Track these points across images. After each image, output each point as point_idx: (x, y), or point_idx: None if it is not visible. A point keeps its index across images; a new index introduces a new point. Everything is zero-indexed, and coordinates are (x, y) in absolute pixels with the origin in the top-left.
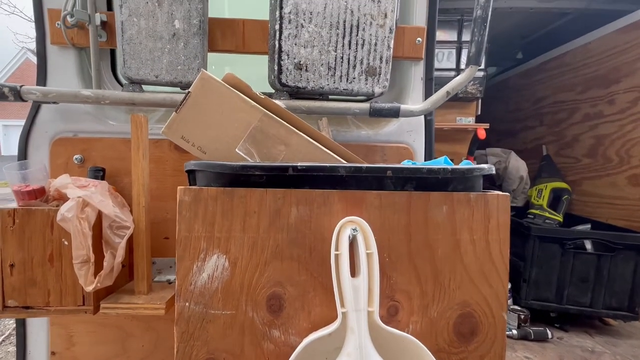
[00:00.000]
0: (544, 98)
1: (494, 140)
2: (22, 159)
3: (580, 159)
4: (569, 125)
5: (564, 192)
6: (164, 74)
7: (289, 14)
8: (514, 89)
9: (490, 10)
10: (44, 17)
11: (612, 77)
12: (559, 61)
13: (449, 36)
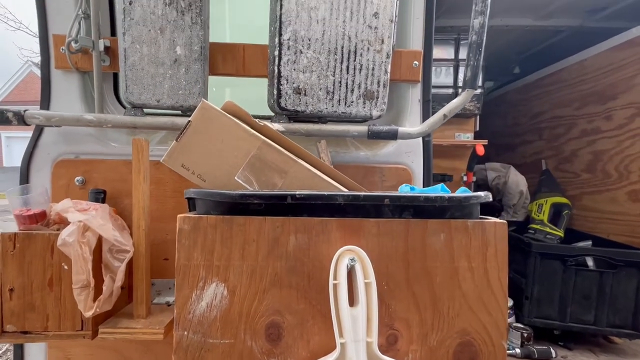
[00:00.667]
0: (541, 113)
1: (493, 154)
2: (24, 181)
3: (580, 174)
4: (567, 140)
5: (564, 207)
6: (165, 98)
7: (288, 41)
8: (511, 104)
9: (485, 35)
10: (49, 42)
11: (608, 93)
12: (556, 77)
13: (446, 54)
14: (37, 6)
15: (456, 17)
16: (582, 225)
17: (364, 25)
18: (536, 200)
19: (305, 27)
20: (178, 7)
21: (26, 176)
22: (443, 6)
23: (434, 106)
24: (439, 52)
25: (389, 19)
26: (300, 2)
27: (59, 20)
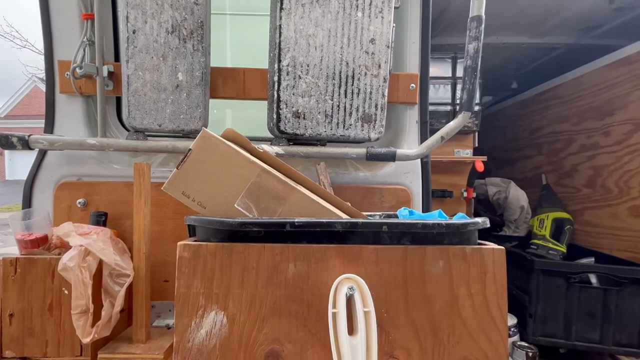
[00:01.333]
0: (540, 128)
1: (494, 168)
2: (27, 202)
3: (580, 188)
4: (566, 155)
5: (565, 222)
6: (167, 122)
7: (287, 67)
8: (510, 119)
9: (480, 59)
10: (54, 68)
11: (605, 109)
12: (553, 93)
13: (443, 72)
14: (44, 33)
15: (453, 36)
16: (584, 241)
17: (361, 51)
18: (537, 216)
19: (303, 53)
20: (180, 35)
21: (29, 198)
22: (440, 25)
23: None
24: (437, 70)
25: (385, 45)
26: (298, 29)
27: (64, 46)
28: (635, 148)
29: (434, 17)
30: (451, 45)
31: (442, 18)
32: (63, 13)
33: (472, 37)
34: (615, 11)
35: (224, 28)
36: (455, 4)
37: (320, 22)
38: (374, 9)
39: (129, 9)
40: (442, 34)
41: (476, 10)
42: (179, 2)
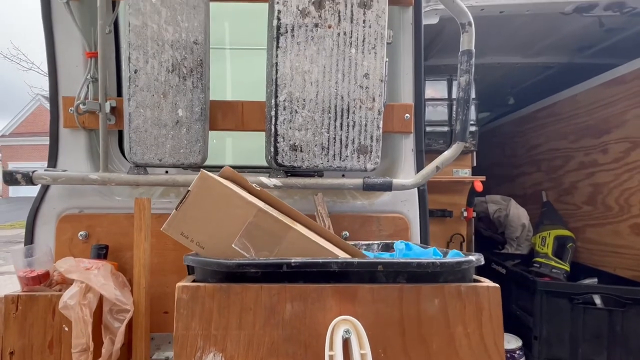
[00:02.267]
0: (538, 145)
1: (494, 185)
2: (30, 235)
3: (581, 206)
4: (565, 172)
5: (567, 239)
6: (167, 157)
7: (283, 102)
8: (508, 136)
9: (472, 91)
10: (59, 103)
11: (602, 127)
12: (549, 111)
13: (439, 93)
14: (49, 70)
15: (448, 57)
16: (587, 259)
17: (355, 85)
18: (539, 233)
19: (299, 88)
20: (180, 73)
21: (32, 230)
22: (435, 47)
23: (430, 144)
24: (433, 91)
25: (379, 79)
26: (294, 66)
27: (68, 83)
28: (634, 166)
29: (429, 40)
30: (447, 66)
31: (437, 40)
32: (68, 51)
33: (463, 70)
34: (606, 32)
35: (224, 62)
36: (450, 27)
37: (315, 59)
38: (367, 46)
39: (131, 50)
40: (438, 56)
41: (466, 45)
42: (179, 43)
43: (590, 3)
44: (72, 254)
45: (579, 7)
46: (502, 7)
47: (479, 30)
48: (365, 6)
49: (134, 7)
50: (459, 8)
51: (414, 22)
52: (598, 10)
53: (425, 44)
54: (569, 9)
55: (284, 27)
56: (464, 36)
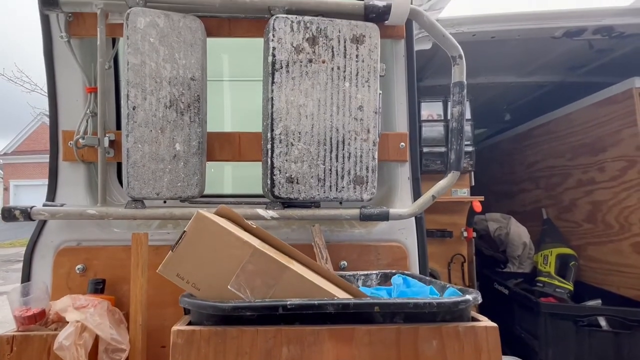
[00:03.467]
0: (536, 162)
1: (494, 201)
2: (27, 268)
3: (581, 223)
4: (564, 190)
5: (570, 258)
6: (164, 191)
7: (279, 135)
8: (506, 152)
9: (464, 122)
10: (59, 137)
11: (598, 146)
12: (545, 128)
13: (435, 114)
14: (50, 105)
15: (443, 78)
16: (591, 278)
17: (350, 117)
18: (541, 251)
19: (295, 122)
20: (178, 108)
21: (29, 264)
22: (430, 69)
23: (428, 164)
24: (429, 112)
25: (373, 111)
26: (289, 100)
27: (68, 117)
28: (632, 184)
29: (423, 62)
30: (442, 86)
31: (431, 63)
32: (68, 86)
33: (456, 102)
34: (596, 53)
35: (222, 93)
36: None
37: (310, 93)
38: (361, 79)
39: (129, 88)
40: (433, 77)
41: (458, 77)
42: (177, 79)
43: (579, 28)
44: (69, 288)
45: (568, 31)
46: (494, 33)
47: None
48: (357, 41)
49: (133, 47)
50: (450, 42)
51: (406, 54)
52: (587, 34)
53: (420, 66)
54: (558, 33)
55: (279, 63)
56: (455, 68)
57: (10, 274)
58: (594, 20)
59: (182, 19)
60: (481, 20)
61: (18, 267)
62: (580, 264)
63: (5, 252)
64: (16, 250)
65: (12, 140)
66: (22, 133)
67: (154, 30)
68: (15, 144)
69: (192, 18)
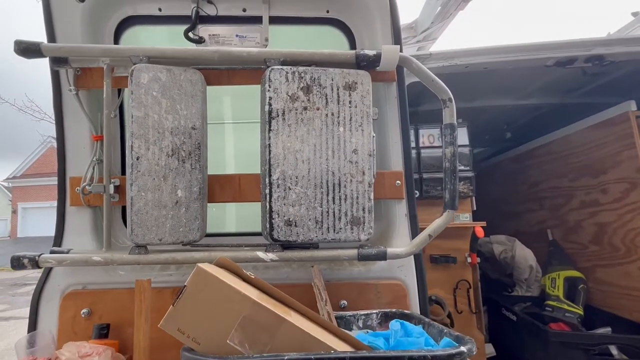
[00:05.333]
0: (539, 183)
1: (499, 221)
2: (34, 312)
3: (587, 245)
4: (568, 210)
5: (578, 281)
6: (167, 236)
7: (277, 180)
8: (509, 172)
9: (457, 161)
10: (66, 183)
11: (599, 167)
12: (546, 149)
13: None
14: (58, 153)
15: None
16: (601, 301)
17: (345, 160)
18: (548, 274)
19: (292, 167)
20: (179, 156)
21: (36, 309)
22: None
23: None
24: (428, 138)
25: (367, 154)
26: (286, 146)
27: (75, 163)
28: (635, 207)
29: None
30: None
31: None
32: (76, 135)
33: (448, 143)
34: (591, 76)
35: (222, 133)
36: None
37: (306, 139)
38: (354, 124)
39: (133, 139)
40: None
41: (448, 119)
42: (178, 129)
43: (570, 58)
44: (74, 332)
45: (560, 61)
46: (486, 64)
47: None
48: (350, 88)
49: (137, 101)
50: (439, 86)
51: (398, 95)
52: (578, 63)
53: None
54: (550, 62)
55: (275, 112)
56: (445, 111)
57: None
58: (584, 51)
59: (183, 72)
60: (473, 53)
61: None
62: (590, 286)
63: (11, 276)
64: (23, 273)
65: (20, 164)
66: (30, 157)
67: (157, 85)
68: (24, 167)
69: (192, 71)
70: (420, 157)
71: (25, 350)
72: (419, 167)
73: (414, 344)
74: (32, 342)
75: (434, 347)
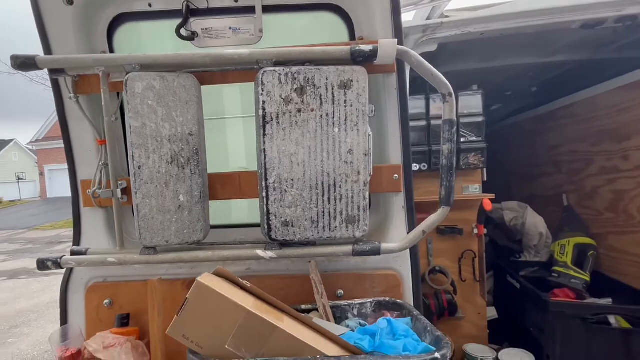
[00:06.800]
0: (558, 146)
1: (514, 183)
2: (64, 305)
3: (602, 212)
4: (586, 176)
5: (588, 247)
6: (172, 238)
7: (273, 183)
8: (528, 133)
9: (455, 159)
10: (78, 186)
11: (622, 133)
12: (568, 111)
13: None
14: (67, 157)
15: (455, 64)
16: (610, 267)
17: (340, 161)
18: (558, 241)
19: (287, 170)
20: (179, 163)
21: (65, 300)
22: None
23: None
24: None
25: (363, 153)
26: (281, 150)
27: (84, 167)
28: None
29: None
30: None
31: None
32: (81, 139)
33: (446, 139)
34: (625, 30)
35: (224, 130)
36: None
37: (300, 141)
38: (350, 123)
39: (134, 149)
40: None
41: (448, 115)
42: (176, 136)
43: (598, 20)
44: (99, 320)
45: (586, 24)
46: (501, 31)
47: (483, 43)
48: (345, 87)
49: (134, 111)
50: (439, 80)
51: (398, 86)
52: (608, 24)
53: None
54: (575, 26)
55: (269, 116)
56: (445, 106)
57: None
58: (615, 11)
59: (176, 78)
60: (488, 20)
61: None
62: (600, 252)
63: (47, 235)
64: (56, 232)
65: (41, 127)
66: (49, 120)
67: (151, 93)
68: (45, 130)
69: (185, 76)
70: (430, 128)
71: (59, 343)
72: (428, 139)
73: (393, 348)
74: (64, 335)
75: (412, 352)
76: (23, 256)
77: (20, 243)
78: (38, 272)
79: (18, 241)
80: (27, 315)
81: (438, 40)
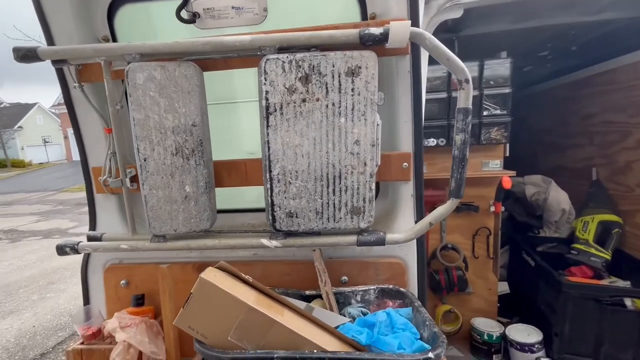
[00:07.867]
0: (593, 115)
1: (541, 154)
2: (85, 282)
3: (634, 188)
4: (620, 149)
5: (613, 225)
6: (180, 227)
7: (277, 175)
8: (560, 100)
9: (467, 150)
10: (90, 173)
11: None
12: (607, 77)
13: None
14: (78, 145)
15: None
16: (635, 246)
17: (346, 152)
18: (582, 217)
19: (291, 162)
20: (183, 154)
21: (86, 280)
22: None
23: None
24: None
25: (370, 144)
26: (285, 142)
27: (94, 155)
28: None
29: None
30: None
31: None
32: (90, 128)
33: (459, 129)
34: None
35: (229, 116)
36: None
37: (305, 133)
38: (357, 113)
39: (138, 142)
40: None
41: (463, 102)
42: (179, 127)
43: None
44: (118, 298)
45: None
46: None
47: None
48: (353, 74)
49: (136, 103)
50: (455, 65)
51: (412, 69)
52: None
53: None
54: None
55: (273, 107)
56: (460, 93)
57: (83, 216)
58: None
59: (177, 67)
60: None
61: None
62: (627, 230)
63: (75, 196)
64: (84, 194)
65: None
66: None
67: (153, 84)
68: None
69: (186, 65)
70: (450, 100)
71: (82, 322)
72: (447, 112)
73: (388, 345)
74: (87, 314)
75: (407, 349)
76: (55, 217)
77: (52, 204)
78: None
79: (50, 202)
80: (62, 272)
81: (464, 6)
